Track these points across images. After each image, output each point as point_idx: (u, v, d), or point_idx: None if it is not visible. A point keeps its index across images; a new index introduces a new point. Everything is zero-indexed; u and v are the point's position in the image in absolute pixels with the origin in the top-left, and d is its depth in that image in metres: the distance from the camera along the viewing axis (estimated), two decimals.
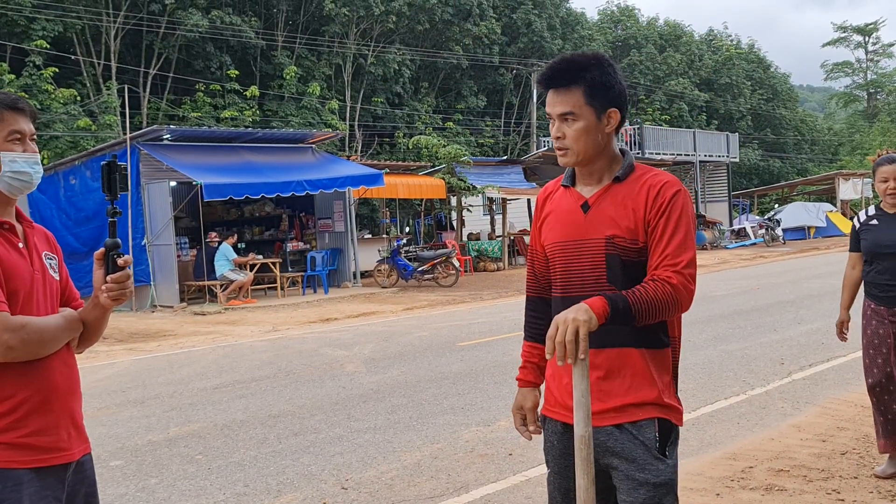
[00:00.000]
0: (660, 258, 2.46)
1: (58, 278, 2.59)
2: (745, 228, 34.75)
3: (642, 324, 2.41)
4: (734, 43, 61.50)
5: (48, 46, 26.96)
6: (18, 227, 2.52)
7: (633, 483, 2.46)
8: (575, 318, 2.25)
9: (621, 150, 2.64)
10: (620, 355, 2.51)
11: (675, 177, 2.57)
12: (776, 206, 42.87)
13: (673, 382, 2.60)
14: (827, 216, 36.77)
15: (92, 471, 2.59)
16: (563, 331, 2.24)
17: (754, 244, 33.21)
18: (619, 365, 2.51)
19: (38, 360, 2.39)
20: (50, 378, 2.41)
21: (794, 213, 36.95)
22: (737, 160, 40.62)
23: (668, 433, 2.52)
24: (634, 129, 34.05)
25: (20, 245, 2.45)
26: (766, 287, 16.84)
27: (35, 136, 2.52)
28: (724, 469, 5.33)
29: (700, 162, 36.37)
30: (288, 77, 32.18)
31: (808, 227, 36.30)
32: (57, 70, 27.01)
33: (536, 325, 2.80)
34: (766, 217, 36.44)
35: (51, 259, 2.59)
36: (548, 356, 2.28)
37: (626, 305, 2.34)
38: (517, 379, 2.81)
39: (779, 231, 33.34)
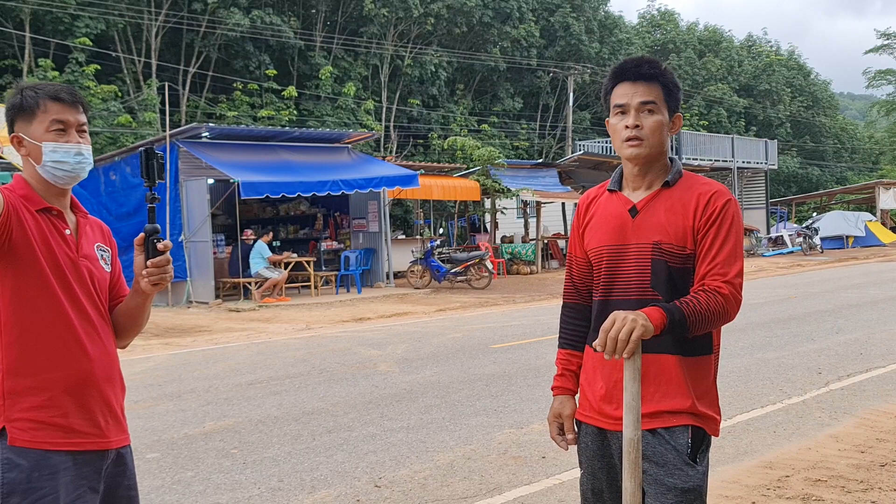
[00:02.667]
0: (709, 266, 2.45)
1: (108, 270, 2.63)
2: (782, 236, 34.38)
3: (693, 335, 2.41)
4: (774, 49, 60.90)
5: (91, 44, 27.37)
6: (71, 217, 2.56)
7: (662, 488, 2.46)
8: (634, 320, 2.24)
9: (670, 158, 2.65)
10: (657, 361, 2.50)
11: (724, 186, 2.57)
12: (814, 214, 42.39)
13: (714, 391, 2.59)
14: (866, 226, 36.26)
15: (132, 464, 2.61)
16: (619, 327, 2.24)
17: (792, 252, 32.82)
18: (655, 371, 2.50)
19: (75, 346, 2.43)
20: (86, 364, 2.44)
21: (833, 222, 36.47)
22: (775, 167, 40.22)
23: (701, 440, 2.50)
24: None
25: (67, 232, 2.49)
26: (804, 296, 16.64)
27: (85, 127, 2.54)
28: (759, 477, 5.27)
29: (738, 168, 36.04)
30: (323, 77, 32.38)
31: (847, 237, 35.81)
32: (98, 67, 27.44)
33: (574, 331, 2.78)
34: (804, 225, 36.00)
35: (103, 251, 2.63)
36: (598, 347, 2.27)
37: (681, 317, 2.34)
38: (554, 388, 2.78)
39: (817, 240, 32.90)
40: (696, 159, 33.90)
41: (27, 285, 2.37)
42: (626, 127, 2.54)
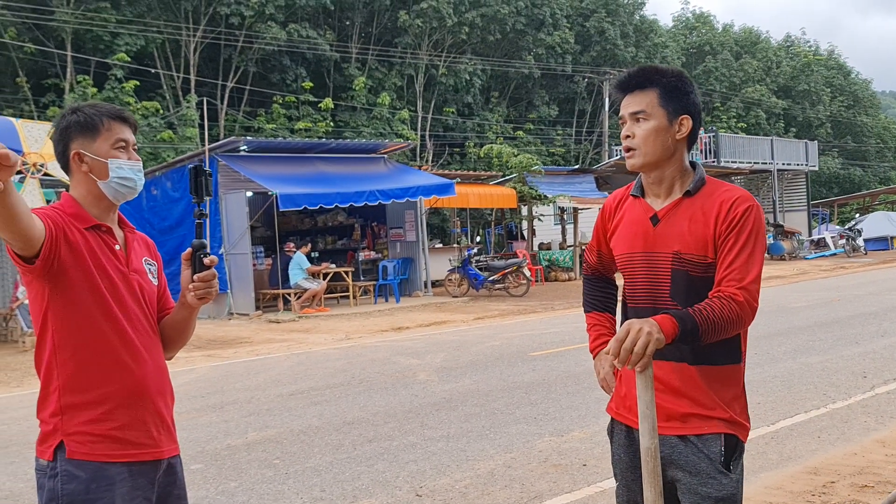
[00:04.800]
0: (726, 272, 2.42)
1: (156, 283, 2.69)
2: (824, 238, 33.90)
3: (706, 342, 2.38)
4: (812, 49, 60.15)
5: (129, 59, 27.84)
6: (119, 232, 2.62)
7: (696, 497, 2.45)
8: (649, 333, 2.23)
9: (692, 163, 2.61)
10: (676, 370, 2.49)
11: (747, 192, 2.53)
12: (857, 215, 41.71)
13: (743, 398, 2.56)
14: None
15: (182, 473, 2.67)
16: (633, 338, 2.22)
17: (834, 255, 32.34)
18: (679, 379, 2.49)
19: (129, 360, 2.48)
20: (140, 377, 2.50)
21: (877, 223, 35.87)
22: (816, 169, 39.66)
23: (734, 448, 2.48)
24: (710, 137, 33.49)
25: (116, 247, 2.56)
26: (847, 298, 16.38)
27: (136, 146, 2.63)
28: (804, 483, 5.21)
29: (778, 170, 35.60)
30: (357, 88, 32.60)
31: (891, 238, 35.22)
32: (138, 83, 27.89)
33: (601, 296, 2.86)
34: (846, 227, 35.47)
35: (150, 265, 2.69)
36: (611, 357, 2.26)
37: (693, 326, 2.31)
38: (597, 346, 2.79)
39: (860, 241, 32.40)
40: (735, 162, 33.53)
41: (81, 302, 2.44)
42: (623, 138, 2.58)
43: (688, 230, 2.49)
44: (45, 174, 13.16)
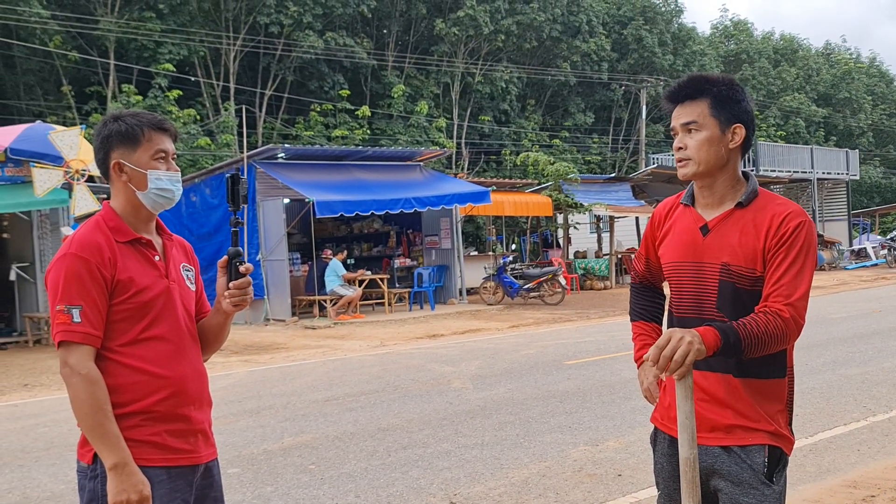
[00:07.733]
0: (774, 287, 2.41)
1: (193, 289, 2.73)
2: (865, 248, 33.41)
3: (748, 357, 2.38)
4: (854, 57, 59.37)
5: (174, 69, 28.28)
6: (158, 241, 2.66)
7: None
8: (690, 342, 2.23)
9: (744, 174, 2.60)
10: (721, 381, 2.49)
11: (800, 207, 2.51)
12: None
13: (787, 412, 2.56)
14: None
15: (219, 476, 2.71)
16: (673, 346, 2.23)
17: (875, 265, 31.85)
18: (724, 390, 2.49)
19: (171, 367, 2.53)
20: (180, 385, 2.54)
21: None
22: (857, 178, 39.12)
23: (777, 460, 2.48)
24: None
25: (156, 258, 2.60)
26: (889, 310, 16.12)
27: (175, 156, 2.66)
28: (843, 497, 5.14)
29: (818, 179, 35.16)
30: (396, 95, 32.78)
31: None
32: (181, 92, 28.31)
33: (648, 305, 2.84)
34: (888, 237, 34.90)
35: (188, 271, 2.73)
36: (651, 363, 2.26)
37: (736, 340, 2.31)
38: (642, 356, 2.76)
39: None
40: (774, 171, 33.16)
41: (124, 312, 2.49)
42: (676, 149, 2.58)
43: (738, 242, 2.48)
44: (90, 178, 13.37)
